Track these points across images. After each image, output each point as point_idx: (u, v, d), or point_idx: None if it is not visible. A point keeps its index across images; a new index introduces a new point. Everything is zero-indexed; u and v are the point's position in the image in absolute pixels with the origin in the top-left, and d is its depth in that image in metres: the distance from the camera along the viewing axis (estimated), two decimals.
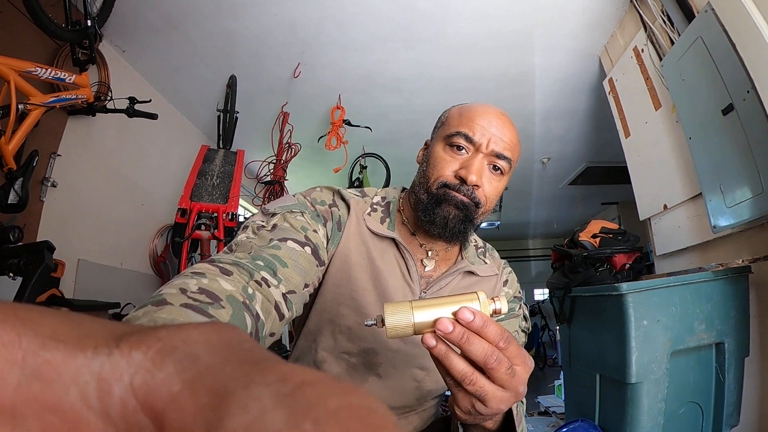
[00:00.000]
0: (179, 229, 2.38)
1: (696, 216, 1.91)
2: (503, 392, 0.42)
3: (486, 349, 0.41)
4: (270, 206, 0.69)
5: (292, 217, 0.66)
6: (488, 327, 0.41)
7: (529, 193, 5.39)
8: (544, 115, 3.48)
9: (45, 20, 1.63)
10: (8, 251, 1.57)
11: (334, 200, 0.76)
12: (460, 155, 0.71)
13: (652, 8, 2.05)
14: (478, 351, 0.41)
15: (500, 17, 2.40)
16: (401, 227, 0.78)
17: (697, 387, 1.48)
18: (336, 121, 3.15)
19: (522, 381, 0.43)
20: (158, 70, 2.85)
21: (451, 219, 0.70)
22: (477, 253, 0.84)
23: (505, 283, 0.85)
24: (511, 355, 0.42)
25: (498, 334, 0.41)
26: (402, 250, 0.75)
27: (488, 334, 0.41)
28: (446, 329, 0.40)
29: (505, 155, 0.72)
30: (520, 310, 0.84)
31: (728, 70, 1.54)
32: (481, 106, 0.75)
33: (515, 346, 0.42)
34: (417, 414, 0.82)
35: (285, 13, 2.36)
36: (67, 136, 2.27)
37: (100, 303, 1.98)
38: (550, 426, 2.74)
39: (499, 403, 0.43)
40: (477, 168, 0.69)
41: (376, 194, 0.81)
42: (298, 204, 0.71)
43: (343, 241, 0.72)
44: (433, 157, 0.73)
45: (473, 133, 0.70)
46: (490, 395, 0.42)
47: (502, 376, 0.41)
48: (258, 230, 0.63)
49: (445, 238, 0.72)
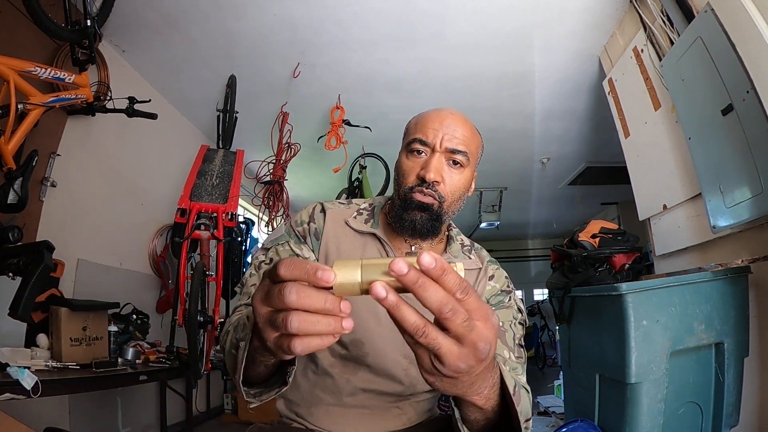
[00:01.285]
0: (179, 229, 2.37)
1: (695, 216, 1.91)
2: (460, 348, 0.39)
3: (441, 297, 0.37)
4: (266, 241, 0.88)
5: (281, 249, 0.83)
6: (447, 275, 0.38)
7: (528, 193, 5.40)
8: (544, 115, 3.48)
9: (44, 20, 1.63)
10: (8, 251, 1.57)
11: (312, 216, 0.88)
12: (420, 158, 0.80)
13: (651, 8, 2.05)
14: (432, 298, 0.37)
15: (500, 17, 2.40)
16: (386, 226, 0.87)
17: (697, 387, 1.48)
18: (335, 121, 3.15)
19: (483, 337, 0.39)
20: (158, 69, 2.84)
21: (418, 221, 0.79)
22: (462, 250, 0.90)
23: (491, 278, 0.87)
24: (471, 308, 0.38)
25: (456, 284, 0.38)
26: (384, 244, 0.84)
27: (446, 282, 0.37)
28: (400, 271, 0.36)
29: (459, 149, 0.78)
30: (510, 302, 0.85)
31: (728, 70, 1.54)
32: (434, 110, 0.83)
33: (475, 298, 0.39)
34: (410, 404, 0.84)
35: (285, 12, 2.36)
36: (66, 135, 2.27)
37: (99, 303, 1.98)
38: (550, 426, 2.74)
39: (457, 360, 0.39)
40: (434, 166, 0.77)
41: (365, 202, 0.93)
42: (284, 235, 0.86)
43: (322, 246, 0.85)
44: (400, 166, 0.83)
45: (426, 136, 0.79)
46: (445, 349, 0.39)
47: (458, 328, 0.38)
48: (259, 267, 0.83)
49: (418, 237, 0.82)
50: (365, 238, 0.85)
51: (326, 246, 0.84)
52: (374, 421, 0.81)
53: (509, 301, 0.85)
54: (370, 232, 0.85)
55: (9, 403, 1.35)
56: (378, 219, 0.88)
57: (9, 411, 1.43)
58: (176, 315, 2.25)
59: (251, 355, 0.52)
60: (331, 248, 0.84)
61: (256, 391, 0.61)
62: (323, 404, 0.80)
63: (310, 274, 0.37)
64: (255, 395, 0.60)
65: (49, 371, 1.59)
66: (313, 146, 3.55)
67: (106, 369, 1.77)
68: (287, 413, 0.85)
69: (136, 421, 2.65)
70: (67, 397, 2.12)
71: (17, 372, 1.33)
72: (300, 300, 0.37)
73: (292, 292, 0.37)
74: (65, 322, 1.76)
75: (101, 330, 1.91)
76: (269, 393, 0.60)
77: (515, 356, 0.77)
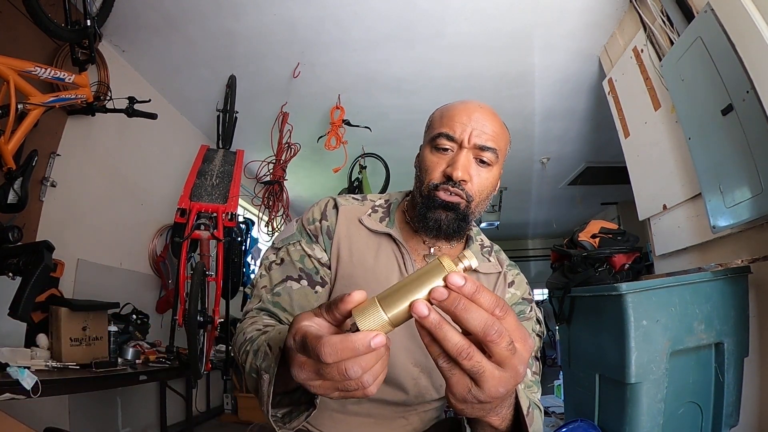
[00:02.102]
0: (179, 229, 2.37)
1: (695, 216, 1.91)
2: (501, 372, 0.37)
3: (485, 318, 0.35)
4: (276, 240, 0.83)
5: (292, 249, 0.79)
6: (481, 293, 0.36)
7: (528, 193, 5.39)
8: (544, 115, 3.48)
9: (44, 20, 1.63)
10: (7, 251, 1.57)
11: (324, 213, 0.82)
12: (446, 155, 0.74)
13: (651, 8, 2.05)
14: (476, 320, 0.35)
15: (500, 17, 2.40)
16: (403, 225, 0.82)
17: (697, 387, 1.48)
18: (335, 121, 3.15)
19: (522, 360, 0.37)
20: (158, 69, 2.84)
21: (444, 221, 0.74)
22: (482, 251, 0.85)
23: (511, 284, 0.83)
24: (510, 328, 0.37)
25: (493, 302, 0.36)
26: (399, 245, 0.79)
27: (482, 301, 0.36)
28: (441, 296, 0.35)
29: (488, 146, 0.73)
30: (531, 313, 0.81)
31: (728, 70, 1.54)
32: (461, 103, 0.77)
33: (513, 317, 0.37)
34: (417, 414, 0.81)
35: (285, 12, 2.36)
36: (66, 135, 2.27)
37: (99, 303, 1.98)
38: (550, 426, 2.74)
39: (498, 385, 0.37)
40: (462, 164, 0.72)
41: (380, 198, 0.87)
42: (295, 234, 0.81)
43: (334, 245, 0.80)
44: (423, 161, 0.77)
45: (454, 131, 0.73)
46: (488, 374, 0.36)
47: (503, 351, 0.36)
48: (269, 268, 0.79)
49: (443, 239, 0.77)
50: (380, 238, 0.80)
51: (338, 245, 0.79)
52: (379, 431, 0.79)
53: (530, 312, 0.81)
54: (385, 233, 0.80)
55: (9, 403, 1.35)
56: (394, 217, 0.82)
57: (9, 411, 1.43)
58: (176, 315, 2.25)
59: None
60: (344, 248, 0.79)
61: (285, 412, 0.54)
62: (327, 409, 0.78)
63: (357, 352, 0.36)
64: (283, 417, 0.54)
65: (49, 371, 1.59)
66: (313, 146, 3.55)
67: (106, 369, 1.77)
68: None
69: (136, 421, 2.65)
70: (67, 397, 2.12)
71: (17, 372, 1.33)
72: (351, 371, 0.36)
73: (342, 367, 0.37)
74: (65, 322, 1.76)
75: (101, 330, 1.91)
76: (299, 419, 0.53)
77: (531, 372, 0.74)
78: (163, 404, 2.81)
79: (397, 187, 2.18)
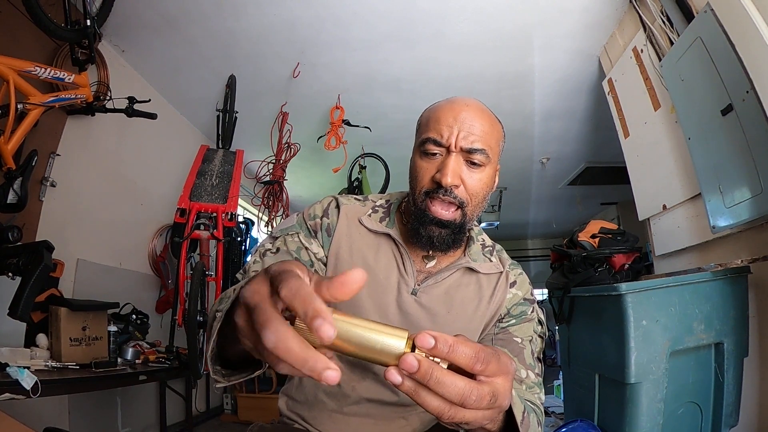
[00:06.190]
0: (178, 229, 2.38)
1: (695, 216, 1.91)
2: (484, 412, 0.38)
3: (461, 388, 0.34)
4: (275, 230, 0.84)
5: (290, 239, 0.79)
6: (456, 349, 0.34)
7: (528, 193, 5.39)
8: (544, 115, 3.48)
9: (44, 20, 1.63)
10: (7, 251, 1.57)
11: (326, 211, 0.83)
12: (435, 159, 0.72)
13: (651, 8, 2.05)
14: (452, 393, 0.34)
15: (500, 17, 2.40)
16: (403, 226, 0.81)
17: (696, 387, 1.48)
18: (335, 121, 3.15)
19: (506, 395, 0.38)
20: (158, 69, 2.84)
21: (436, 237, 0.72)
22: (483, 251, 0.84)
23: (513, 284, 0.82)
24: (492, 373, 0.36)
25: (471, 356, 0.35)
26: (399, 245, 0.79)
27: (458, 358, 0.35)
28: (411, 368, 0.33)
29: (476, 148, 0.70)
30: (533, 314, 0.80)
31: (727, 70, 1.54)
32: (447, 102, 0.74)
33: (494, 361, 0.36)
34: (417, 415, 0.81)
35: (285, 12, 2.36)
36: (66, 135, 2.27)
37: (99, 303, 1.98)
38: (550, 426, 2.74)
39: (482, 420, 0.38)
40: (451, 169, 0.69)
41: (381, 198, 0.87)
42: (295, 225, 0.82)
43: (333, 243, 0.80)
44: (413, 167, 0.76)
45: (440, 135, 0.71)
46: (471, 418, 0.37)
47: (486, 407, 0.36)
48: (264, 255, 0.78)
49: (438, 252, 0.77)
50: (379, 238, 0.80)
51: (338, 244, 0.80)
52: (378, 431, 0.78)
53: (531, 313, 0.80)
54: (385, 233, 0.80)
55: (9, 403, 1.35)
56: (394, 218, 0.82)
57: (9, 411, 1.43)
58: (176, 315, 2.25)
59: (232, 333, 0.44)
60: (344, 247, 0.80)
61: (228, 371, 0.52)
62: (326, 409, 0.78)
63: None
64: (225, 375, 0.51)
65: (49, 371, 1.59)
66: (312, 146, 3.55)
67: (105, 369, 1.77)
68: (288, 413, 0.83)
69: (135, 421, 2.64)
70: (67, 397, 2.12)
71: (17, 372, 1.33)
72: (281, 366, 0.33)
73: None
74: (65, 322, 1.76)
75: (101, 330, 1.91)
76: (241, 374, 0.50)
77: (534, 373, 0.74)
78: (163, 404, 2.81)
79: (397, 187, 2.18)
